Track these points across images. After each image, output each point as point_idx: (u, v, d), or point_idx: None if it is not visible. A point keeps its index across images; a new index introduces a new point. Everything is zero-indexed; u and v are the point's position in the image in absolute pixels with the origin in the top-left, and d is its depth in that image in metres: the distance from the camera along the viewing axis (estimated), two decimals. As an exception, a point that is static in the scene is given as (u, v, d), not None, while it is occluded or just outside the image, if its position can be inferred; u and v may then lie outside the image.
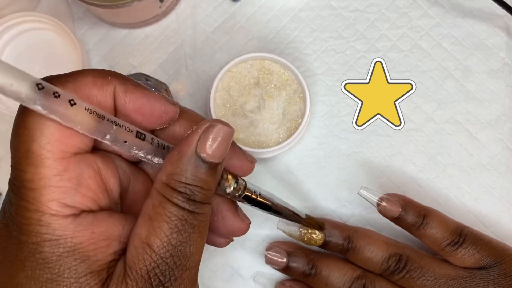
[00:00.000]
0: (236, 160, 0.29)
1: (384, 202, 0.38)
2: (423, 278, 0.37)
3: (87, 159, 0.24)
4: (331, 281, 0.38)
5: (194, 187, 0.24)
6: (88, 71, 0.25)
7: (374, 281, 0.37)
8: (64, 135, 0.23)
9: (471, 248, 0.37)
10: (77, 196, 0.23)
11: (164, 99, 0.26)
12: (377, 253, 0.38)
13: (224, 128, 0.25)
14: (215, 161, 0.25)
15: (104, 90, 0.24)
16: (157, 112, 0.26)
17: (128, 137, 0.24)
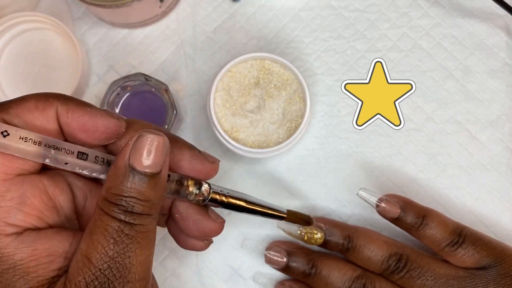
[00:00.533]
0: (197, 164, 0.29)
1: (383, 203, 0.38)
2: (423, 277, 0.37)
3: (31, 179, 0.25)
4: (331, 280, 0.38)
5: (130, 198, 0.24)
6: (30, 95, 0.26)
7: (374, 281, 0.37)
8: (6, 159, 0.24)
9: (470, 248, 0.37)
10: (19, 214, 0.24)
11: (106, 115, 0.27)
12: (377, 252, 0.38)
13: (155, 138, 0.25)
14: (149, 171, 0.25)
15: (46, 112, 0.26)
16: (100, 128, 0.26)
17: (68, 158, 0.25)
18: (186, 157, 0.29)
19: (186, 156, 0.29)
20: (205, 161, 0.30)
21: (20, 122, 0.25)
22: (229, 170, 0.44)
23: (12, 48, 0.44)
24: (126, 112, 0.41)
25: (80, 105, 0.26)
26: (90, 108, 0.26)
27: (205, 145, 0.44)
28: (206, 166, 0.30)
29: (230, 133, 0.40)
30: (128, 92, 0.41)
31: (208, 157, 0.30)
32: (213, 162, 0.30)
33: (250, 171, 0.44)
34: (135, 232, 0.24)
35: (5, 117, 0.25)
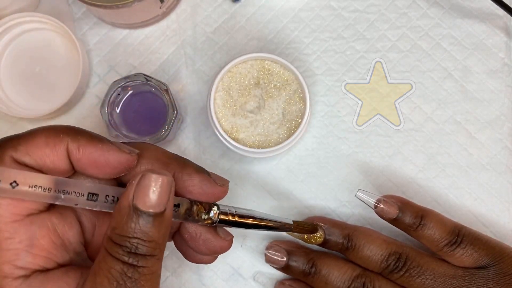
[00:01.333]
0: (206, 188, 0.29)
1: (382, 204, 0.38)
2: (422, 276, 0.37)
3: (40, 219, 0.25)
4: (331, 280, 0.38)
5: (135, 239, 0.24)
6: (40, 130, 0.25)
7: (374, 280, 0.37)
8: (15, 199, 0.24)
9: (469, 248, 0.37)
10: (28, 257, 0.24)
11: (118, 150, 0.26)
12: (377, 251, 0.38)
13: (159, 178, 0.24)
14: (154, 211, 0.24)
15: (57, 149, 0.25)
16: (112, 164, 0.26)
17: (79, 200, 0.25)
18: (195, 182, 0.29)
19: (195, 181, 0.29)
20: (215, 184, 0.29)
21: (30, 160, 0.25)
22: (229, 170, 0.44)
23: (13, 48, 0.44)
24: (127, 112, 0.41)
25: (91, 141, 0.26)
26: (102, 144, 0.26)
27: (205, 145, 0.44)
28: (216, 189, 0.29)
29: (230, 133, 0.40)
30: (128, 92, 0.41)
31: (218, 180, 0.30)
32: (222, 185, 0.30)
33: (250, 171, 0.44)
34: (138, 274, 0.24)
35: (14, 155, 0.24)
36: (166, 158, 0.29)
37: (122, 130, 0.40)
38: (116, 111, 0.41)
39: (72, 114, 0.44)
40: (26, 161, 0.24)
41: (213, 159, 0.44)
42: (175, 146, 0.44)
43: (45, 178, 0.24)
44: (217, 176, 0.30)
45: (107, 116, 0.39)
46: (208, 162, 0.44)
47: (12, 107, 0.43)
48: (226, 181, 0.31)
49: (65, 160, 0.25)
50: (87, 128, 0.43)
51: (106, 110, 0.39)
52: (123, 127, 0.41)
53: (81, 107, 0.45)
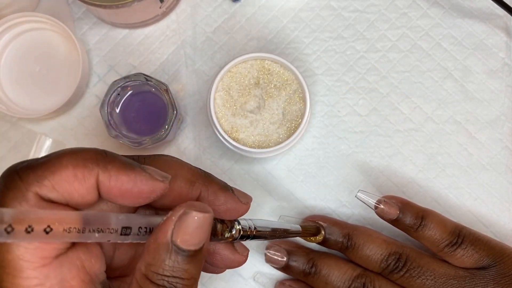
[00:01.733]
0: (230, 205, 0.28)
1: (382, 205, 0.38)
2: (423, 277, 0.37)
3: (69, 259, 0.23)
4: (331, 280, 0.38)
5: (173, 278, 0.23)
6: (67, 158, 0.23)
7: (374, 280, 0.37)
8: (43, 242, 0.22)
9: (469, 248, 0.37)
10: None
11: (152, 178, 0.24)
12: (377, 251, 0.38)
13: (199, 215, 0.23)
14: (193, 248, 0.23)
15: (86, 181, 0.23)
16: (145, 194, 0.24)
17: (112, 237, 0.23)
18: (221, 201, 0.28)
19: (221, 200, 0.28)
20: (239, 202, 0.29)
21: (56, 196, 0.22)
22: (229, 170, 0.44)
23: (13, 48, 0.44)
24: (127, 112, 0.41)
25: (122, 170, 0.24)
26: (135, 173, 0.24)
27: (205, 145, 0.44)
28: (240, 207, 0.29)
29: (230, 133, 0.40)
30: (128, 92, 0.41)
31: (242, 198, 0.29)
32: (246, 203, 0.29)
33: (250, 171, 0.44)
34: None
35: (39, 191, 0.22)
36: (192, 175, 0.28)
37: (122, 130, 0.40)
38: (116, 111, 0.41)
39: (72, 114, 0.44)
40: (52, 197, 0.22)
41: (213, 159, 0.44)
42: (175, 146, 0.44)
43: (77, 218, 0.21)
44: (240, 193, 0.29)
45: (106, 116, 0.39)
46: (208, 162, 0.44)
47: (12, 107, 0.43)
48: (249, 198, 0.30)
49: (94, 192, 0.23)
50: (87, 128, 0.44)
51: (106, 110, 0.39)
52: (123, 127, 0.41)
53: (81, 107, 0.45)
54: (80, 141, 0.44)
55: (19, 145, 0.44)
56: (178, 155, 0.44)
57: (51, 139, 0.44)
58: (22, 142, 0.44)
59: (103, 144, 0.44)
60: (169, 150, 0.44)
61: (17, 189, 0.22)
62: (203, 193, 0.28)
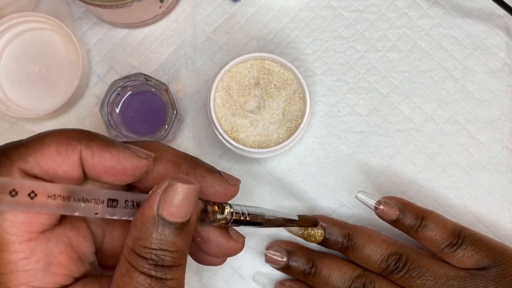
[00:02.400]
0: (218, 187, 0.28)
1: (382, 206, 0.38)
2: (423, 277, 0.37)
3: (56, 235, 0.24)
4: (331, 280, 0.38)
5: (161, 251, 0.23)
6: (50, 137, 0.24)
7: (374, 281, 0.37)
8: (29, 215, 0.22)
9: (469, 249, 0.37)
10: (47, 277, 0.23)
11: (134, 155, 0.25)
12: (377, 251, 0.38)
13: (183, 186, 0.23)
14: (180, 220, 0.23)
15: (69, 158, 0.23)
16: (128, 171, 0.25)
17: (98, 208, 0.23)
18: (209, 183, 0.28)
19: (208, 182, 0.28)
20: (227, 184, 0.29)
21: (40, 172, 0.23)
22: (229, 170, 0.44)
23: (13, 48, 0.44)
24: (126, 112, 0.41)
25: (105, 147, 0.24)
26: (117, 150, 0.24)
27: (205, 145, 0.44)
28: (228, 189, 0.29)
29: (230, 133, 0.40)
30: (128, 92, 0.41)
31: (230, 180, 0.29)
32: (235, 184, 0.29)
33: (250, 171, 0.44)
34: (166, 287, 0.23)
35: (23, 167, 0.23)
36: (178, 158, 0.28)
37: (121, 130, 0.40)
38: (116, 111, 0.41)
39: (72, 114, 0.44)
40: (36, 173, 0.23)
41: (213, 159, 0.44)
42: (175, 146, 0.44)
43: (62, 188, 0.22)
44: (228, 176, 0.29)
45: (106, 116, 0.39)
46: (208, 162, 0.44)
47: (12, 107, 0.43)
48: (237, 180, 0.30)
49: (78, 169, 0.24)
50: (87, 128, 0.44)
51: (105, 110, 0.39)
52: (122, 127, 0.41)
53: (80, 107, 0.44)
54: (80, 141, 0.44)
55: (19, 145, 0.44)
56: (178, 155, 0.44)
57: (51, 139, 0.44)
58: (22, 142, 0.44)
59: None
60: (169, 150, 0.44)
61: (2, 165, 0.22)
62: (189, 175, 0.28)
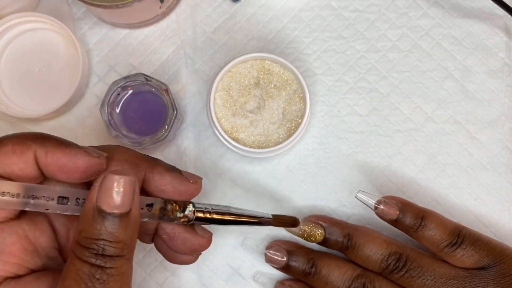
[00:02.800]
0: (179, 186, 0.29)
1: (382, 205, 0.38)
2: (423, 277, 0.37)
3: (10, 226, 0.25)
4: (331, 280, 0.38)
5: (101, 241, 0.24)
6: (7, 139, 0.26)
7: (374, 280, 0.37)
8: None
9: (469, 249, 0.37)
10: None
11: (87, 154, 0.26)
12: (377, 251, 0.38)
13: (121, 178, 0.24)
14: (118, 211, 0.24)
15: (24, 156, 0.25)
16: (81, 169, 0.26)
17: (49, 205, 0.25)
18: (167, 181, 0.29)
19: (167, 180, 0.29)
20: (187, 182, 0.29)
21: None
22: (229, 170, 0.44)
23: (13, 48, 0.44)
24: (127, 112, 0.41)
25: (58, 146, 0.26)
26: (70, 149, 0.26)
27: (205, 145, 0.44)
28: (189, 187, 0.29)
29: (230, 133, 0.40)
30: (128, 92, 0.41)
31: (190, 177, 0.30)
32: (195, 182, 0.30)
33: (250, 171, 0.44)
34: (106, 275, 0.24)
35: None
36: (136, 159, 0.29)
37: (122, 130, 0.40)
38: (116, 111, 0.41)
39: (72, 114, 0.44)
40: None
41: (213, 159, 0.44)
42: (175, 146, 0.44)
43: (13, 185, 0.24)
44: (189, 174, 0.30)
45: (107, 116, 0.39)
46: (208, 162, 0.44)
47: (12, 107, 0.43)
48: (198, 178, 0.30)
49: (34, 167, 0.26)
50: (87, 128, 0.44)
51: (106, 110, 0.39)
52: (123, 127, 0.41)
53: (81, 107, 0.45)
54: (80, 141, 0.44)
55: (19, 145, 0.44)
56: (178, 155, 0.44)
57: (51, 139, 0.44)
58: (22, 142, 0.44)
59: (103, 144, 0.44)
60: (169, 150, 0.44)
61: None
62: (147, 175, 0.29)
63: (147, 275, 0.43)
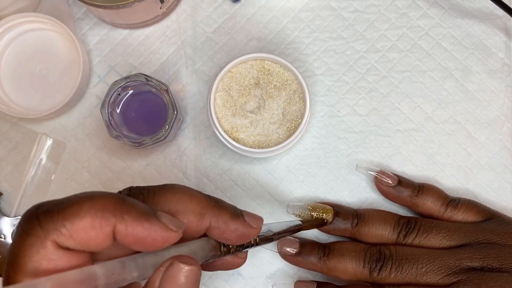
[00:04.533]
0: (241, 231, 0.29)
1: (380, 173, 0.41)
2: (435, 230, 0.39)
3: None
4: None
5: None
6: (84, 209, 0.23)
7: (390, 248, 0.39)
8: None
9: (468, 204, 0.40)
10: None
11: (166, 229, 0.25)
12: (387, 221, 0.39)
13: (186, 268, 0.24)
14: None
15: (103, 231, 0.24)
16: (158, 243, 0.25)
17: None
18: (232, 230, 0.28)
19: (232, 228, 0.28)
20: (250, 227, 0.29)
21: (73, 244, 0.23)
22: (229, 170, 0.44)
23: (13, 48, 0.44)
24: (127, 112, 0.41)
25: (138, 220, 0.24)
26: (149, 223, 0.24)
27: (205, 145, 0.44)
28: (251, 232, 0.29)
29: (230, 133, 0.41)
30: (129, 92, 0.41)
31: (253, 222, 0.29)
32: (257, 227, 0.30)
33: (250, 171, 0.44)
34: None
35: (57, 239, 0.23)
36: (201, 208, 0.28)
37: (122, 130, 0.40)
38: (117, 111, 0.41)
39: (73, 114, 0.45)
40: (69, 245, 0.23)
41: (213, 159, 0.44)
42: (175, 146, 0.44)
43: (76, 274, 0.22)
44: (251, 218, 0.30)
45: (107, 116, 0.39)
46: (208, 162, 0.44)
47: (13, 107, 0.43)
48: (260, 221, 0.30)
49: (110, 240, 0.24)
50: (87, 128, 0.44)
51: (106, 110, 0.39)
52: (123, 127, 0.41)
53: (81, 107, 0.45)
54: (81, 141, 0.44)
55: (19, 145, 0.44)
56: (178, 155, 0.44)
57: (52, 139, 0.44)
58: (22, 142, 0.44)
59: (104, 144, 0.44)
60: (169, 150, 0.44)
61: (36, 236, 0.23)
62: (213, 224, 0.28)
63: (148, 275, 0.43)
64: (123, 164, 0.44)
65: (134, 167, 0.44)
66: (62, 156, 0.44)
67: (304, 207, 0.39)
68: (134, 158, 0.44)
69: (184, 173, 0.44)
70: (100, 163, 0.44)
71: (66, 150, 0.44)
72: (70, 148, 0.44)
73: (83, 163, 0.44)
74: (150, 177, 0.44)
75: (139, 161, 0.44)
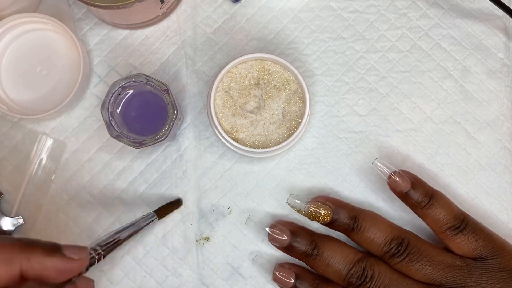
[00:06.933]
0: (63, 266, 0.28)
1: (397, 176, 0.39)
2: (421, 262, 0.37)
3: None
4: (332, 262, 0.38)
5: None
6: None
7: (374, 265, 0.38)
8: None
9: (470, 235, 0.38)
10: None
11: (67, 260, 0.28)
12: (380, 235, 0.38)
13: None
14: None
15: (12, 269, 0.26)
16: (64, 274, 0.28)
17: None
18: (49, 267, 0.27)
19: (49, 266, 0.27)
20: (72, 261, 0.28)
21: None
22: (229, 170, 0.44)
23: (14, 49, 0.44)
24: (127, 112, 0.41)
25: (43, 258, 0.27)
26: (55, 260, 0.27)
27: (205, 145, 0.44)
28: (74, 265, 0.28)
29: (230, 133, 0.41)
30: (129, 92, 0.41)
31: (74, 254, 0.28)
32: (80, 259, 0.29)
33: (250, 171, 0.44)
34: None
35: None
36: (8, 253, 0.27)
37: (122, 130, 0.40)
38: (117, 111, 0.41)
39: (73, 114, 0.45)
40: None
41: (213, 159, 0.44)
42: (175, 146, 0.44)
43: None
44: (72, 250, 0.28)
45: (107, 116, 0.39)
46: (208, 162, 0.44)
47: (13, 107, 0.43)
48: (84, 252, 0.29)
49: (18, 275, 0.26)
50: (87, 128, 0.44)
51: (106, 111, 0.39)
52: (123, 127, 0.41)
53: (81, 107, 0.45)
54: (81, 141, 0.44)
55: (20, 145, 0.44)
56: (178, 155, 0.44)
57: (52, 139, 0.44)
58: (23, 142, 0.44)
59: (104, 144, 0.44)
60: (169, 150, 0.44)
61: None
62: (24, 266, 0.27)
63: (147, 275, 0.43)
64: (123, 164, 0.44)
65: (134, 167, 0.44)
66: (63, 156, 0.44)
67: (304, 204, 0.40)
68: (134, 158, 0.44)
69: (184, 173, 0.44)
70: (100, 163, 0.44)
71: (67, 150, 0.44)
72: (71, 148, 0.44)
73: (83, 163, 0.44)
74: (150, 177, 0.44)
75: (139, 161, 0.44)
